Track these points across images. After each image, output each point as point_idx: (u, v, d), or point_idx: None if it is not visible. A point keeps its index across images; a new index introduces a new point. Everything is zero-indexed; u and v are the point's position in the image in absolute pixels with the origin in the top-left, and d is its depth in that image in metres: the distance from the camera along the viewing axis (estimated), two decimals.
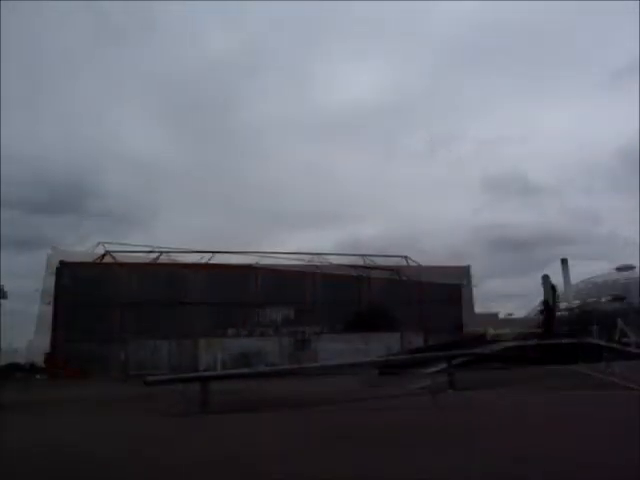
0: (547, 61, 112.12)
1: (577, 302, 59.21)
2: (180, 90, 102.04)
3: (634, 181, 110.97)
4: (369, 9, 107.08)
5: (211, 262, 51.87)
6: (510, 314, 68.09)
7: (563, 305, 62.19)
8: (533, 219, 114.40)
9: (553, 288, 19.42)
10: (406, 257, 61.02)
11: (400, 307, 51.83)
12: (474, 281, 58.55)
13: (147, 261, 50.59)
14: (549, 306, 19.59)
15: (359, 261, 58.18)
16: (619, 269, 79.26)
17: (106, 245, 50.54)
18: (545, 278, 18.58)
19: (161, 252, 51.27)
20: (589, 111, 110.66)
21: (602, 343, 20.05)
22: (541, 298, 20.22)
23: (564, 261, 59.22)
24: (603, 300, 62.32)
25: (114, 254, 50.11)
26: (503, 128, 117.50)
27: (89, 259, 49.32)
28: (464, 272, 58.56)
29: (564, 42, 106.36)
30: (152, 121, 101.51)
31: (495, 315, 63.41)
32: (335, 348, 40.24)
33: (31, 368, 45.28)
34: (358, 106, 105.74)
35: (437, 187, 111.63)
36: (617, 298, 54.94)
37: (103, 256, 49.87)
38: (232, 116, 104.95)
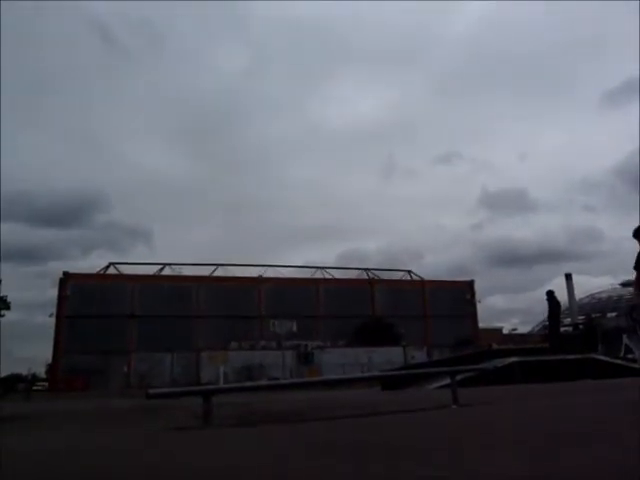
0: (544, 82, 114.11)
1: (582, 318, 58.88)
2: (185, 107, 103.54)
3: (633, 197, 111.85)
4: (372, 34, 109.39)
5: (215, 275, 52.06)
6: (514, 329, 67.77)
7: (567, 320, 61.80)
8: (534, 235, 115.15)
9: (557, 304, 19.29)
10: (410, 271, 61.13)
11: (404, 321, 51.76)
12: (477, 296, 58.47)
13: (151, 273, 50.85)
14: (554, 322, 19.44)
15: (363, 275, 58.27)
16: (624, 284, 78.84)
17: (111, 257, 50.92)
18: (550, 294, 18.47)
19: (165, 264, 51.48)
20: (586, 129, 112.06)
21: (607, 359, 19.88)
22: (545, 313, 20.06)
23: (568, 276, 58.99)
24: (608, 316, 61.96)
25: (118, 266, 50.28)
26: (503, 146, 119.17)
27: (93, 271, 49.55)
28: (468, 287, 58.44)
29: (560, 63, 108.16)
30: (158, 137, 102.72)
31: (499, 330, 63.14)
32: (338, 362, 40.10)
33: (33, 379, 45.19)
34: (360, 125, 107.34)
35: (439, 204, 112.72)
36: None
37: (107, 268, 50.08)
38: (237, 133, 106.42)
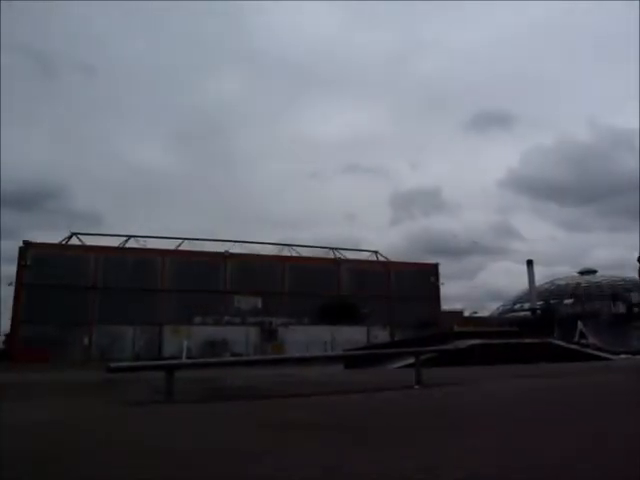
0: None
1: (540, 303, 60.68)
2: (178, 117, 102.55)
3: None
4: (363, 55, 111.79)
5: (181, 249, 51.24)
6: (475, 312, 69.49)
7: (526, 305, 63.39)
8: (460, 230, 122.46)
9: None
10: (376, 252, 61.57)
11: (368, 301, 52.31)
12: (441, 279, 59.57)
13: (115, 245, 49.69)
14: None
15: (329, 254, 58.47)
16: (582, 273, 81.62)
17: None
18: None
19: (129, 236, 50.38)
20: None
21: (563, 344, 20.61)
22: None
23: (530, 262, 60.48)
24: (565, 302, 64.03)
25: (82, 237, 48.89)
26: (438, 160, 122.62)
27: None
28: (433, 269, 59.42)
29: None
30: (150, 143, 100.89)
31: (460, 313, 64.50)
32: (302, 339, 40.37)
33: None
34: (352, 136, 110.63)
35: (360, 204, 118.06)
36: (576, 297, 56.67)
37: (69, 238, 48.68)
38: (230, 143, 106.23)
